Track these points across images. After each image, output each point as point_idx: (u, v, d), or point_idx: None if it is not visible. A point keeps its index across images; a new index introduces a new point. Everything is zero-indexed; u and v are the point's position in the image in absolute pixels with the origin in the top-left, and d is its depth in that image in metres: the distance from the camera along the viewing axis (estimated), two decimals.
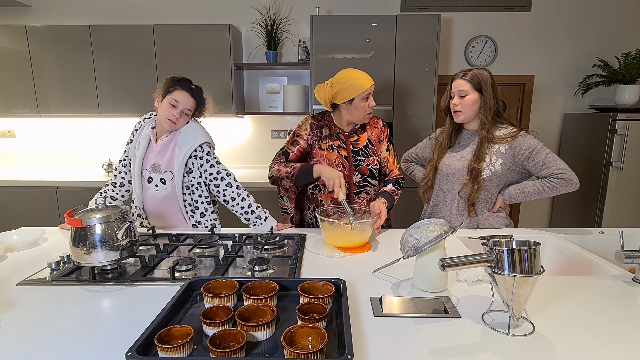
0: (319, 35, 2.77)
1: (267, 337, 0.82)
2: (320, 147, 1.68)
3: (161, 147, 1.63)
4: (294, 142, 1.71)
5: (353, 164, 1.67)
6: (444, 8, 3.19)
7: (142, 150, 1.63)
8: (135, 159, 1.64)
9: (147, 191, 1.67)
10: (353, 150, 1.68)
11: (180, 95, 1.58)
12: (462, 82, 1.56)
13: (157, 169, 1.64)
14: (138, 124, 1.70)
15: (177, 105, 1.58)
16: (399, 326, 0.90)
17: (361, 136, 1.70)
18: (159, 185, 1.64)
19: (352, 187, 1.68)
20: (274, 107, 3.31)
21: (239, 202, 1.64)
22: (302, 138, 1.70)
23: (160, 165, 1.63)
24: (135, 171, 1.64)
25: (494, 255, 0.85)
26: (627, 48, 3.17)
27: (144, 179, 1.66)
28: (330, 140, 1.68)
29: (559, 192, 1.51)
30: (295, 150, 1.70)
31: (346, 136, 1.69)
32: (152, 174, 1.64)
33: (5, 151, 3.43)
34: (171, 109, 1.57)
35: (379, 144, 1.72)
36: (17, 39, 2.91)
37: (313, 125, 1.71)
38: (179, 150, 1.61)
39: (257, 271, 1.20)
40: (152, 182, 1.65)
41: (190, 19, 3.22)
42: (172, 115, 1.57)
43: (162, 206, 1.68)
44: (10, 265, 1.25)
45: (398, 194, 1.68)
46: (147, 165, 1.65)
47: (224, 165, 1.68)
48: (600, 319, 0.93)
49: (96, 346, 0.81)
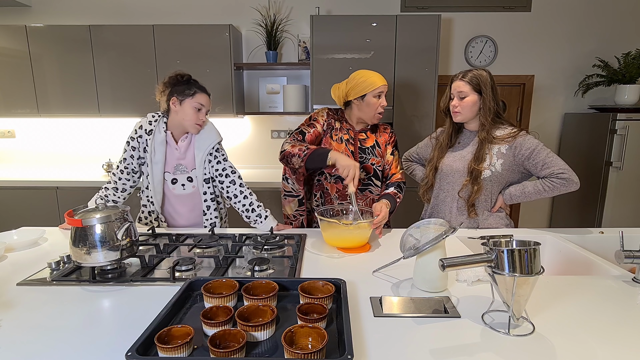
0: (319, 35, 2.77)
1: (267, 337, 0.82)
2: (331, 137, 1.69)
3: (184, 148, 1.65)
4: (311, 125, 1.70)
5: (359, 160, 1.69)
6: (444, 8, 3.19)
7: (162, 155, 1.62)
8: (155, 165, 1.62)
9: (172, 192, 1.67)
10: (360, 148, 1.70)
11: (203, 99, 1.60)
12: (461, 83, 1.56)
13: (182, 170, 1.66)
14: (140, 129, 1.61)
15: (202, 108, 1.60)
16: (399, 326, 0.90)
17: (370, 137, 1.72)
18: (186, 184, 1.67)
19: (358, 182, 1.69)
20: (274, 107, 3.31)
21: (241, 200, 1.67)
22: (318, 122, 1.71)
23: (185, 166, 1.66)
24: (157, 177, 1.63)
25: (494, 255, 0.85)
26: (627, 48, 3.16)
27: (167, 182, 1.66)
28: (341, 133, 1.70)
29: (559, 192, 1.51)
30: (312, 132, 1.68)
31: (355, 133, 1.71)
32: (176, 175, 1.66)
33: (5, 151, 3.43)
34: (197, 112, 1.59)
35: (385, 148, 1.74)
36: (17, 39, 2.90)
37: (330, 114, 1.73)
38: (197, 150, 1.65)
39: (257, 271, 1.20)
40: (177, 183, 1.66)
41: (190, 19, 3.22)
42: (200, 120, 1.60)
43: (184, 204, 1.69)
44: (10, 265, 1.25)
45: (400, 197, 1.69)
46: (169, 168, 1.65)
47: (230, 163, 1.71)
48: (600, 319, 0.93)
49: (96, 346, 0.81)
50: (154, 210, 1.68)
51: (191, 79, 1.63)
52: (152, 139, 1.61)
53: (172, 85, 1.59)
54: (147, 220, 1.72)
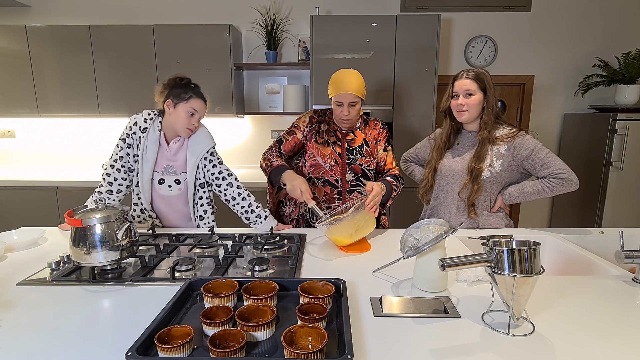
0: (319, 36, 2.77)
1: (267, 337, 0.82)
2: (316, 141, 1.69)
3: (174, 150, 1.64)
4: (290, 132, 1.74)
5: (346, 162, 1.68)
6: (443, 8, 3.19)
7: (154, 154, 1.62)
8: (146, 163, 1.62)
9: (158, 192, 1.67)
10: (348, 149, 1.69)
11: (197, 104, 1.59)
12: (468, 81, 1.55)
13: (170, 171, 1.65)
14: (135, 125, 1.61)
15: (196, 114, 1.59)
16: (399, 326, 0.90)
17: (358, 135, 1.71)
18: (173, 185, 1.67)
19: (345, 184, 1.69)
20: (274, 107, 3.31)
21: (240, 202, 1.66)
22: (299, 129, 1.72)
23: (175, 168, 1.65)
24: (146, 176, 1.63)
25: (494, 255, 0.85)
26: (627, 48, 3.16)
27: (154, 181, 1.66)
28: (327, 135, 1.70)
29: (558, 192, 1.51)
30: (290, 139, 1.73)
31: (343, 134, 1.70)
32: (164, 176, 1.65)
33: (5, 151, 3.43)
34: (190, 117, 1.58)
35: (375, 146, 1.73)
36: (17, 39, 2.90)
37: (313, 118, 1.73)
38: (190, 154, 1.64)
39: (257, 271, 1.20)
40: (164, 184, 1.66)
41: (190, 19, 3.22)
42: (191, 125, 1.59)
43: (170, 205, 1.69)
44: (10, 265, 1.25)
45: (397, 185, 1.67)
46: (158, 168, 1.65)
47: (226, 165, 1.71)
48: (600, 319, 0.93)
49: (96, 346, 0.81)
50: (145, 209, 1.68)
51: (190, 82, 1.62)
52: (145, 136, 1.60)
53: (170, 88, 1.59)
54: (140, 218, 1.72)
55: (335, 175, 1.69)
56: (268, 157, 1.71)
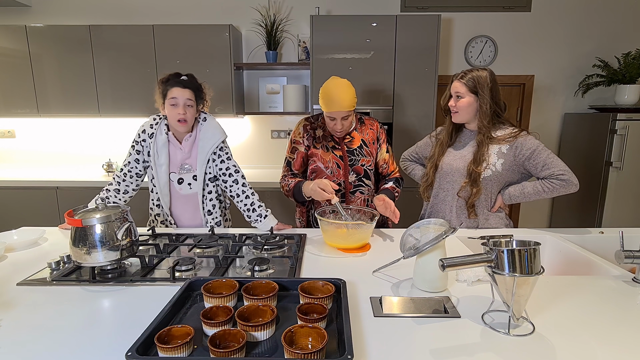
0: (319, 36, 2.77)
1: (267, 337, 0.82)
2: (314, 147, 1.70)
3: (188, 147, 1.65)
4: (293, 150, 1.74)
5: (348, 163, 1.68)
6: (444, 8, 3.19)
7: (166, 157, 1.62)
8: (159, 167, 1.62)
9: (179, 192, 1.67)
10: (348, 150, 1.69)
11: (175, 91, 1.56)
12: (458, 84, 1.56)
13: (187, 169, 1.66)
14: (143, 132, 1.62)
15: (177, 102, 1.56)
16: (399, 326, 0.90)
17: (355, 137, 1.71)
18: (192, 182, 1.67)
19: (348, 186, 1.69)
20: (274, 107, 3.31)
21: (243, 199, 1.67)
22: (299, 144, 1.72)
23: (191, 165, 1.66)
24: (162, 180, 1.63)
25: (494, 255, 0.85)
26: (627, 48, 3.16)
27: (172, 182, 1.66)
28: (324, 141, 1.70)
29: (558, 193, 1.51)
30: (296, 157, 1.73)
31: (340, 137, 1.70)
32: (182, 175, 1.66)
33: (5, 151, 3.43)
34: (174, 108, 1.56)
35: (373, 145, 1.73)
36: (17, 39, 2.90)
37: (306, 127, 1.72)
38: (201, 148, 1.64)
39: (257, 271, 1.20)
40: (183, 183, 1.66)
41: (190, 19, 3.22)
42: (178, 115, 1.56)
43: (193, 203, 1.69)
44: (10, 265, 1.25)
45: (398, 191, 1.70)
46: (174, 168, 1.65)
47: (234, 162, 1.71)
48: (600, 319, 0.93)
49: (96, 346, 0.81)
50: (162, 213, 1.69)
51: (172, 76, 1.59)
52: (154, 141, 1.61)
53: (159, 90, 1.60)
54: (155, 223, 1.73)
55: (338, 179, 1.69)
56: (285, 183, 1.72)
